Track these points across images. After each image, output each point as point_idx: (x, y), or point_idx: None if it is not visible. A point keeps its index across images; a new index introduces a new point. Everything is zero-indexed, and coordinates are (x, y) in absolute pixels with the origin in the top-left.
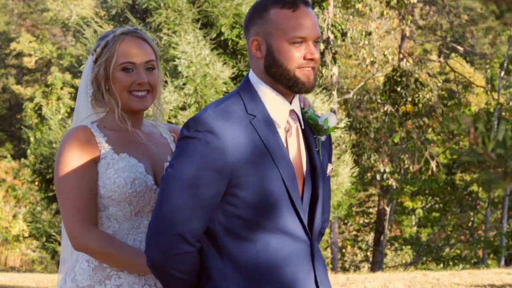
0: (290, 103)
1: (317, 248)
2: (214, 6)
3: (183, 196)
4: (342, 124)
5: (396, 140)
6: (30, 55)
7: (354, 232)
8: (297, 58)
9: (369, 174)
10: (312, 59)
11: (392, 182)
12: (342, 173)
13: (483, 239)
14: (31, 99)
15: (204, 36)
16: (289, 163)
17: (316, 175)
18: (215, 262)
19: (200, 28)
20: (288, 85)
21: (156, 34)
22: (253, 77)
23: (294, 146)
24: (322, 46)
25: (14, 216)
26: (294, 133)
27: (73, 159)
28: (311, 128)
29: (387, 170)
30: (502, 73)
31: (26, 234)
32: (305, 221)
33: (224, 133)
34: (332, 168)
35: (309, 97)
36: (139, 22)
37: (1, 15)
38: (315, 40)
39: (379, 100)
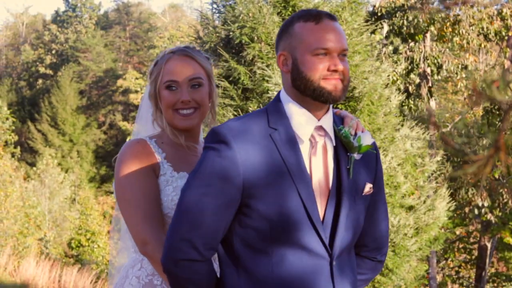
0: (319, 119)
1: (344, 267)
2: None
3: (194, 202)
4: (438, 158)
5: (497, 175)
6: (136, 91)
7: (456, 269)
8: (320, 69)
9: (467, 209)
10: (335, 71)
11: (490, 217)
12: (438, 207)
13: None
14: None
15: None
16: (307, 179)
17: (342, 192)
18: (230, 273)
19: None
20: (313, 96)
21: (249, 68)
22: (283, 94)
23: (319, 163)
24: (417, 79)
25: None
26: (319, 150)
27: (136, 168)
28: (344, 146)
29: (485, 204)
30: None
31: None
32: (325, 238)
33: (237, 144)
34: (370, 188)
35: (405, 130)
36: (232, 57)
37: (108, 53)
38: (340, 53)
39: (477, 134)
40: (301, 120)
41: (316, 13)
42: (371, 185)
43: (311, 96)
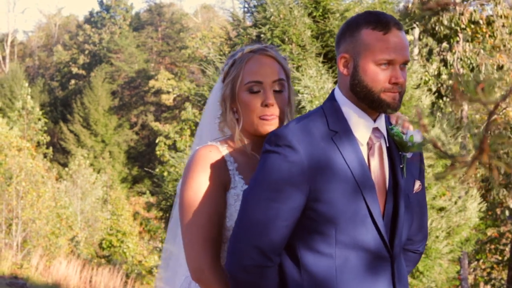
0: (375, 121)
1: (400, 265)
2: None
3: (261, 209)
4: (468, 158)
5: None
6: (168, 92)
7: (488, 270)
8: (382, 81)
9: (498, 210)
10: (396, 83)
11: None
12: (469, 208)
13: None
14: (167, 136)
15: (328, 70)
16: (369, 179)
17: (398, 192)
18: (293, 276)
19: (323, 62)
20: (372, 106)
21: None
22: (338, 94)
23: (376, 163)
24: (449, 81)
25: (152, 251)
26: (376, 151)
27: (205, 181)
28: (397, 145)
29: None
30: None
31: None
32: (386, 238)
33: (302, 148)
34: (420, 185)
35: (437, 130)
36: None
37: (140, 53)
38: (402, 64)
39: (510, 135)
40: (359, 122)
41: (385, 22)
42: (420, 183)
43: (369, 105)
